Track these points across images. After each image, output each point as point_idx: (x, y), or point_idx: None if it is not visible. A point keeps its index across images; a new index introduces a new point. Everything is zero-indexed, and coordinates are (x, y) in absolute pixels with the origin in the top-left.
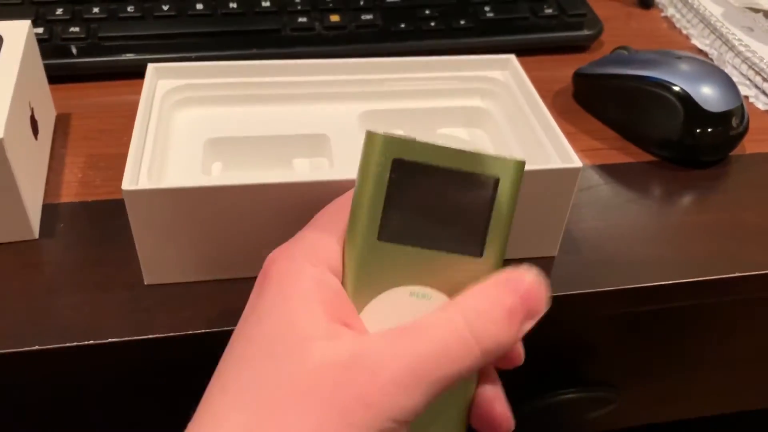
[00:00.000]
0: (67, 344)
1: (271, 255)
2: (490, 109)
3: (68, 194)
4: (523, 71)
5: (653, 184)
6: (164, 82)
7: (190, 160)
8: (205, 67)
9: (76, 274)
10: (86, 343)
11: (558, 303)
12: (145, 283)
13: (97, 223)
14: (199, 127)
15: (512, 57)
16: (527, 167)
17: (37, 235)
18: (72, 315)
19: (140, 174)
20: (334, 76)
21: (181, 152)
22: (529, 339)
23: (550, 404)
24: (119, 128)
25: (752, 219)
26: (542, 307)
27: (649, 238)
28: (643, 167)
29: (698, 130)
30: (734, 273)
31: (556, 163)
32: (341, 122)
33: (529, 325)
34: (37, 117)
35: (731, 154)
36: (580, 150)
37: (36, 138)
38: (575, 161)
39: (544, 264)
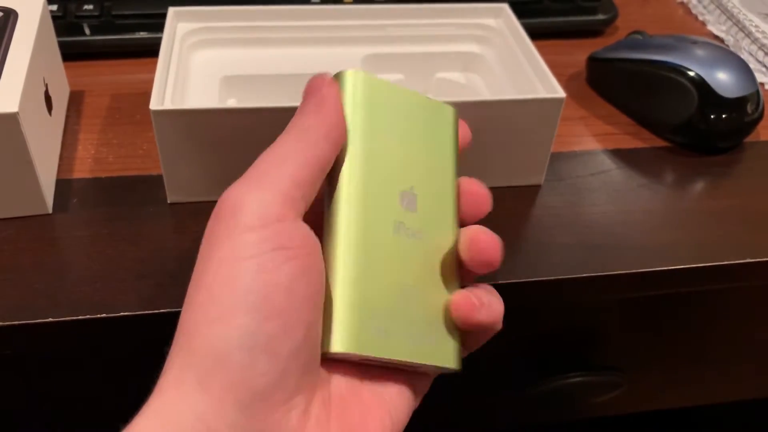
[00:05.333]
0: (80, 317)
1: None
2: (484, 54)
3: (81, 170)
4: (516, 19)
5: (666, 170)
6: (183, 25)
7: (207, 94)
8: (221, 11)
9: (88, 249)
10: (98, 316)
11: (567, 286)
12: (168, 202)
13: (109, 199)
14: (216, 67)
15: (505, 6)
16: (516, 97)
17: (50, 210)
18: (84, 289)
19: (165, 99)
20: (340, 21)
21: (199, 88)
22: (537, 322)
23: (557, 387)
24: (132, 106)
25: (765, 205)
26: None
27: (660, 223)
28: (657, 152)
29: (712, 116)
30: (745, 259)
31: (541, 93)
32: (346, 64)
33: None
34: (51, 93)
35: (745, 140)
36: (593, 134)
37: (50, 114)
38: (559, 92)
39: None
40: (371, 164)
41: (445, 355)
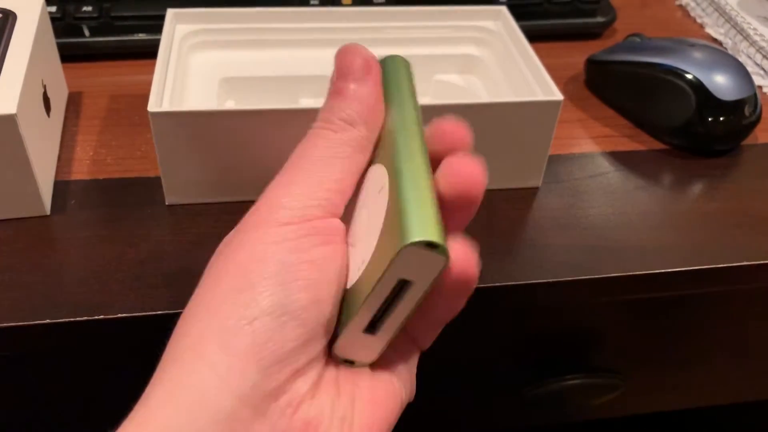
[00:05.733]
0: (78, 318)
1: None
2: (483, 56)
3: (80, 172)
4: (514, 21)
5: (663, 172)
6: (182, 27)
7: (205, 96)
8: (220, 13)
9: (86, 250)
10: (96, 317)
11: (565, 288)
12: (166, 203)
13: (108, 201)
14: (214, 68)
15: (504, 8)
16: (514, 100)
17: (48, 212)
18: (82, 290)
19: (163, 101)
20: (338, 23)
21: (198, 90)
22: (535, 323)
23: (555, 389)
24: (131, 107)
25: (762, 208)
26: None
27: (657, 226)
28: (654, 155)
29: (710, 119)
30: (742, 262)
31: (539, 96)
32: None
33: None
34: (49, 95)
35: (743, 143)
36: (591, 137)
37: (48, 115)
38: (557, 94)
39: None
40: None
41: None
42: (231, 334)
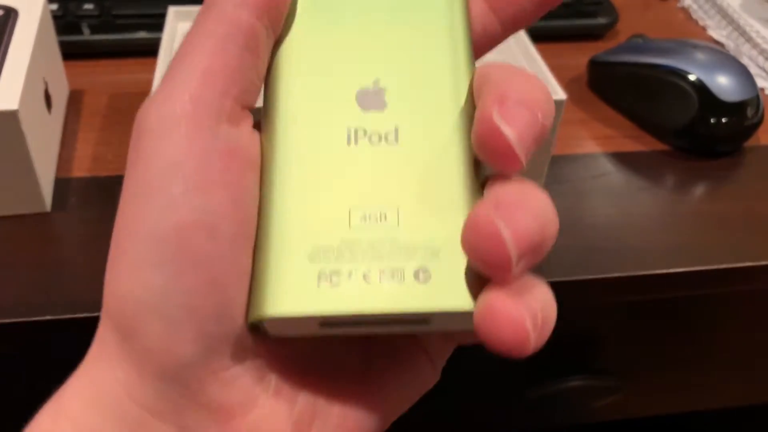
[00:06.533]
0: (78, 315)
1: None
2: (486, 56)
3: (80, 169)
4: None
5: (666, 173)
6: (183, 25)
7: None
8: None
9: (86, 247)
10: (96, 314)
11: (567, 289)
12: None
13: (108, 198)
14: None
15: None
16: None
17: (49, 208)
18: (82, 287)
19: None
20: None
21: None
22: None
23: (555, 391)
24: (131, 105)
25: (765, 210)
26: None
27: (659, 227)
28: (657, 156)
29: (713, 120)
30: (745, 263)
31: None
32: None
33: None
34: (50, 92)
35: (745, 144)
36: (594, 138)
37: (49, 113)
38: (559, 94)
39: None
40: (314, 58)
41: (447, 293)
42: (123, 336)
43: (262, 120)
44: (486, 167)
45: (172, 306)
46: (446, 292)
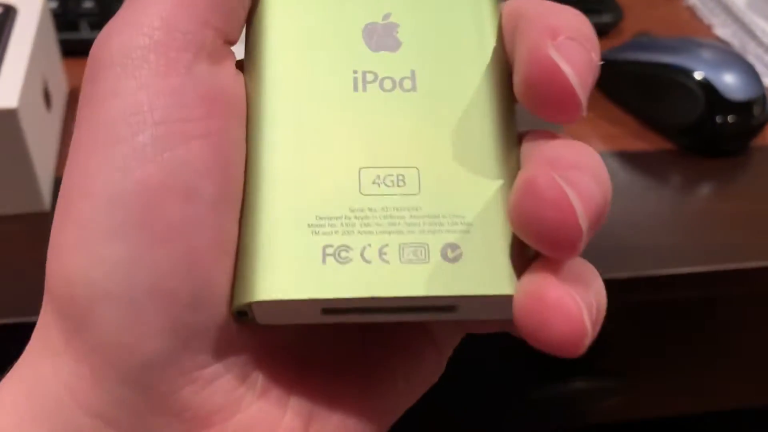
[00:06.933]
0: None
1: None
2: None
3: None
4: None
5: (671, 172)
6: None
7: None
8: None
9: None
10: None
11: None
12: None
13: None
14: None
15: None
16: None
17: (48, 207)
18: None
19: None
20: None
21: None
22: None
23: (558, 393)
24: None
25: None
26: None
27: (665, 227)
28: (662, 155)
29: (719, 119)
30: (752, 263)
31: None
32: None
33: None
34: (50, 90)
35: (752, 143)
36: (599, 136)
37: (49, 111)
38: None
39: None
40: None
41: (483, 274)
42: (72, 330)
43: (246, 61)
44: (527, 119)
45: (135, 288)
46: (482, 273)
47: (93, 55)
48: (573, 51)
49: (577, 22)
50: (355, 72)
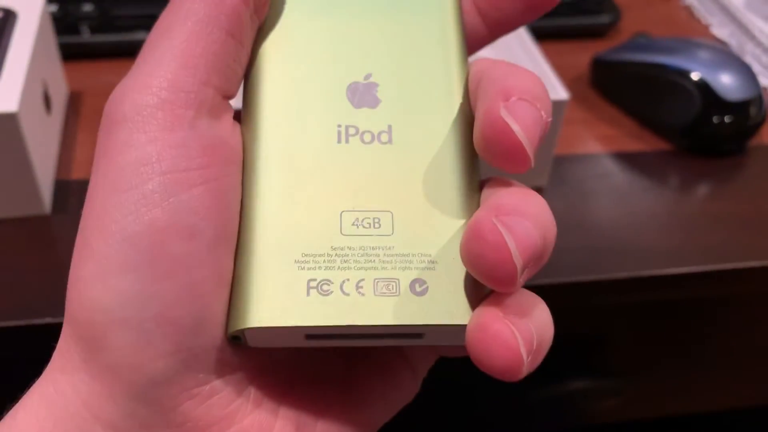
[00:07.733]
0: None
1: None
2: (487, 55)
3: (80, 171)
4: None
5: (669, 173)
6: None
7: None
8: None
9: None
10: None
11: (571, 290)
12: None
13: None
14: None
15: None
16: None
17: (49, 211)
18: None
19: None
20: None
21: None
22: None
23: (558, 393)
24: None
25: None
26: None
27: (663, 227)
28: (660, 155)
29: (716, 119)
30: (750, 262)
31: None
32: None
33: None
34: (50, 94)
35: (749, 143)
36: (597, 137)
37: (49, 114)
38: (562, 94)
39: None
40: (300, 49)
41: (444, 306)
42: (89, 350)
43: (243, 114)
44: (485, 170)
45: (145, 316)
46: (443, 306)
47: (108, 110)
48: (522, 111)
49: (530, 83)
50: (339, 126)
